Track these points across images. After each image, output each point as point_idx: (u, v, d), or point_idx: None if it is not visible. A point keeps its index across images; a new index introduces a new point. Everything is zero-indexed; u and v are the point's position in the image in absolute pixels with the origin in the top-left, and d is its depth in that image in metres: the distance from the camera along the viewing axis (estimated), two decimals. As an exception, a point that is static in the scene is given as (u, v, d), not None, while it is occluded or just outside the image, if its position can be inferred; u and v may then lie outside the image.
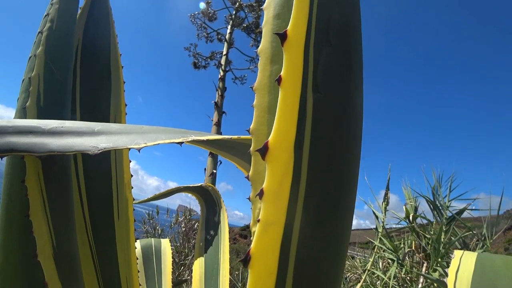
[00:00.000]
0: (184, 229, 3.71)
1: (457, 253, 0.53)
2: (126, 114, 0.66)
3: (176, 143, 0.31)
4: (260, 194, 0.20)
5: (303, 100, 0.20)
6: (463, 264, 0.49)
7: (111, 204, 0.65)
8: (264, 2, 0.30)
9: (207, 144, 0.47)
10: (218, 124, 4.24)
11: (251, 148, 0.25)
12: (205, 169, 3.98)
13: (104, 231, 0.64)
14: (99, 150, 0.29)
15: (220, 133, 4.18)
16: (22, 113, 0.39)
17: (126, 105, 0.66)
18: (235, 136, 0.35)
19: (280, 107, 0.20)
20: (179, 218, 3.81)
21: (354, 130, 0.23)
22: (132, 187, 0.65)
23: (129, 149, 0.30)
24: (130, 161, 0.67)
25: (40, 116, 0.39)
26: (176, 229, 3.96)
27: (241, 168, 0.59)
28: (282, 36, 0.20)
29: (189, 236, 3.66)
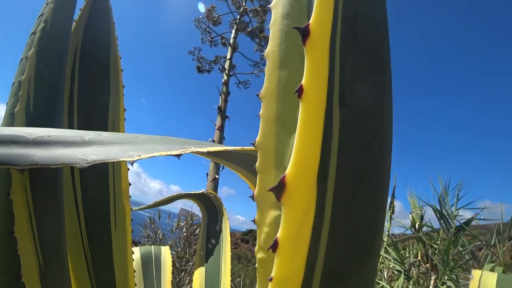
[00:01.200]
0: (185, 234, 3.67)
1: (475, 274, 0.49)
2: (125, 119, 0.63)
3: (174, 155, 0.28)
4: (274, 246, 0.16)
5: (329, 116, 0.17)
6: (483, 286, 0.45)
7: (108, 214, 0.63)
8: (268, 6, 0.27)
9: (208, 155, 0.44)
10: (221, 128, 4.20)
11: (256, 164, 0.22)
12: (207, 174, 3.94)
13: (101, 242, 0.62)
14: (88, 163, 0.26)
15: (223, 138, 4.14)
16: (10, 119, 0.36)
17: (125, 110, 0.63)
18: (239, 148, 0.32)
19: (301, 128, 0.16)
20: (181, 223, 3.77)
21: (385, 155, 0.19)
22: (130, 196, 0.62)
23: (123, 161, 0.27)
24: (129, 169, 0.64)
25: (29, 122, 0.36)
26: (177, 234, 3.92)
27: (245, 178, 0.55)
28: (303, 32, 0.16)
29: (191, 241, 3.63)
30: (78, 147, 0.28)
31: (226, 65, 4.95)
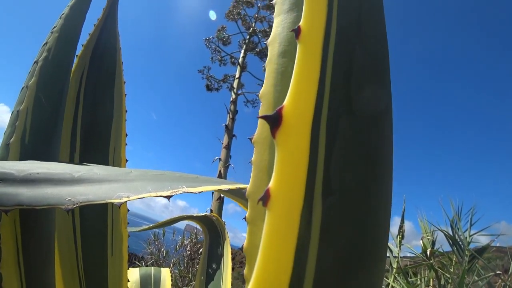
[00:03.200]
0: (189, 252, 3.61)
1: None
2: (126, 144, 0.63)
3: (164, 196, 0.26)
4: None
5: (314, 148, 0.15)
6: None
7: (105, 239, 0.62)
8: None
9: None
10: (228, 147, 4.20)
11: (246, 215, 0.21)
12: (212, 192, 3.91)
13: (96, 267, 0.61)
14: (74, 205, 0.25)
15: (230, 157, 4.13)
16: (5, 150, 0.36)
17: (126, 135, 0.63)
18: (233, 186, 0.31)
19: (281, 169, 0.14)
20: (185, 241, 3.72)
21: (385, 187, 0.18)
22: (128, 223, 0.61)
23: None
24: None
25: (23, 154, 0.35)
26: (181, 252, 3.86)
27: (243, 207, 0.54)
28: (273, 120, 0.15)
29: (194, 260, 3.56)
30: (67, 186, 0.27)
31: (235, 84, 5.01)
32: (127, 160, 0.62)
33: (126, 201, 0.26)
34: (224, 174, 4.00)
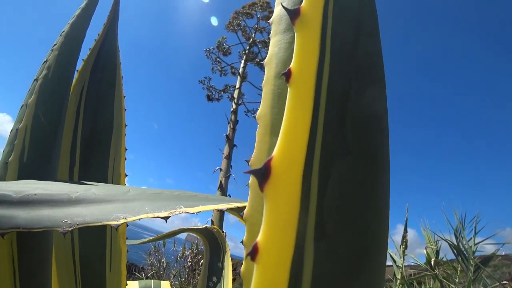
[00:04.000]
0: (190, 263, 3.57)
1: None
2: (125, 159, 0.63)
3: (161, 217, 0.26)
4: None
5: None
6: None
7: (104, 255, 0.61)
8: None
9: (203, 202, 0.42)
10: (229, 157, 4.19)
11: (244, 238, 0.20)
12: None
13: (95, 284, 0.60)
14: (71, 227, 0.25)
15: (231, 167, 4.12)
16: (3, 169, 0.36)
17: (126, 149, 0.63)
18: (231, 205, 0.31)
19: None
20: (186, 252, 3.68)
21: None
22: (127, 238, 0.60)
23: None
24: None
25: (21, 173, 0.35)
26: (182, 263, 3.82)
27: (243, 221, 0.53)
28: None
29: (195, 271, 3.51)
30: (64, 207, 0.27)
31: (235, 94, 5.04)
32: (126, 175, 0.62)
33: (123, 222, 0.25)
34: (225, 185, 3.98)
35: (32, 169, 0.36)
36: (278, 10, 0.25)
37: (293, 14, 0.16)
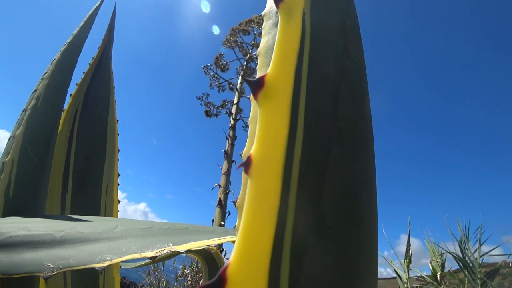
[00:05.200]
0: (190, 282, 3.49)
1: None
2: (118, 184, 0.62)
3: (148, 258, 0.25)
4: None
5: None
6: None
7: (97, 285, 0.59)
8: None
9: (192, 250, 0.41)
10: (228, 173, 4.16)
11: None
12: (212, 220, 3.81)
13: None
14: (53, 272, 0.23)
15: (229, 183, 4.09)
16: (-11, 205, 0.34)
17: (119, 175, 0.62)
18: (223, 240, 0.29)
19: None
20: (186, 270, 3.60)
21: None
22: (120, 267, 0.58)
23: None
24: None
25: (7, 208, 0.34)
26: (182, 282, 3.73)
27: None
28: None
29: (196, 291, 3.43)
30: (48, 249, 0.26)
31: (233, 110, 5.06)
32: (119, 201, 0.61)
33: (108, 264, 0.24)
34: (224, 201, 3.94)
35: (18, 204, 0.35)
36: (264, 41, 0.24)
37: (256, 85, 0.16)
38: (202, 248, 0.91)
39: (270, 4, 0.26)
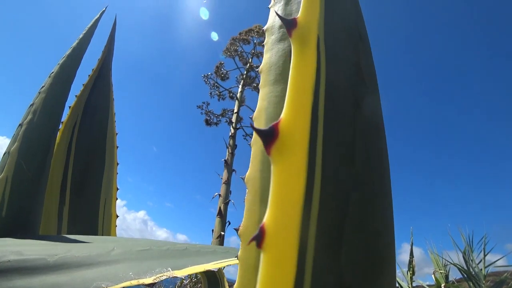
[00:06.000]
0: (190, 293, 3.43)
1: None
2: (117, 199, 0.60)
3: (146, 285, 0.23)
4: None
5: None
6: None
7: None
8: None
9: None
10: (228, 182, 4.13)
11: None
12: (212, 230, 3.75)
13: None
14: (44, 301, 0.22)
15: (230, 192, 4.05)
16: (-19, 224, 0.33)
17: (117, 189, 0.61)
18: (224, 263, 0.28)
19: None
20: (184, 281, 3.54)
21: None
22: None
23: None
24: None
25: None
26: (181, 293, 3.67)
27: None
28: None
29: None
30: (40, 275, 0.24)
31: (233, 119, 5.04)
32: (117, 216, 0.59)
33: (103, 293, 0.23)
34: (224, 211, 3.90)
35: (11, 224, 0.34)
36: (267, 58, 0.23)
37: (268, 136, 0.14)
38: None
39: (273, 19, 0.25)
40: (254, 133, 0.21)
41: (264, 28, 0.25)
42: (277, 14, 0.16)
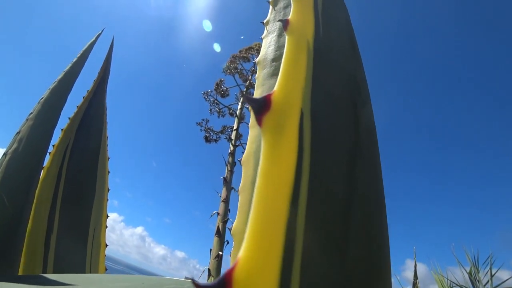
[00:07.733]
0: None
1: None
2: (106, 227, 0.58)
3: None
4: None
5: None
6: None
7: None
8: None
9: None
10: (226, 201, 4.06)
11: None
12: (210, 250, 3.65)
13: None
14: None
15: (228, 210, 3.99)
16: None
17: (107, 216, 0.58)
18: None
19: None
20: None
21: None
22: None
23: None
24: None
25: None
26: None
27: None
28: None
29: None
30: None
31: (233, 136, 5.04)
32: (107, 245, 0.57)
33: None
34: (222, 230, 3.81)
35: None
36: (258, 95, 0.22)
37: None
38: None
39: (265, 51, 0.24)
40: (242, 179, 0.19)
41: (256, 60, 0.23)
42: (244, 96, 0.14)
